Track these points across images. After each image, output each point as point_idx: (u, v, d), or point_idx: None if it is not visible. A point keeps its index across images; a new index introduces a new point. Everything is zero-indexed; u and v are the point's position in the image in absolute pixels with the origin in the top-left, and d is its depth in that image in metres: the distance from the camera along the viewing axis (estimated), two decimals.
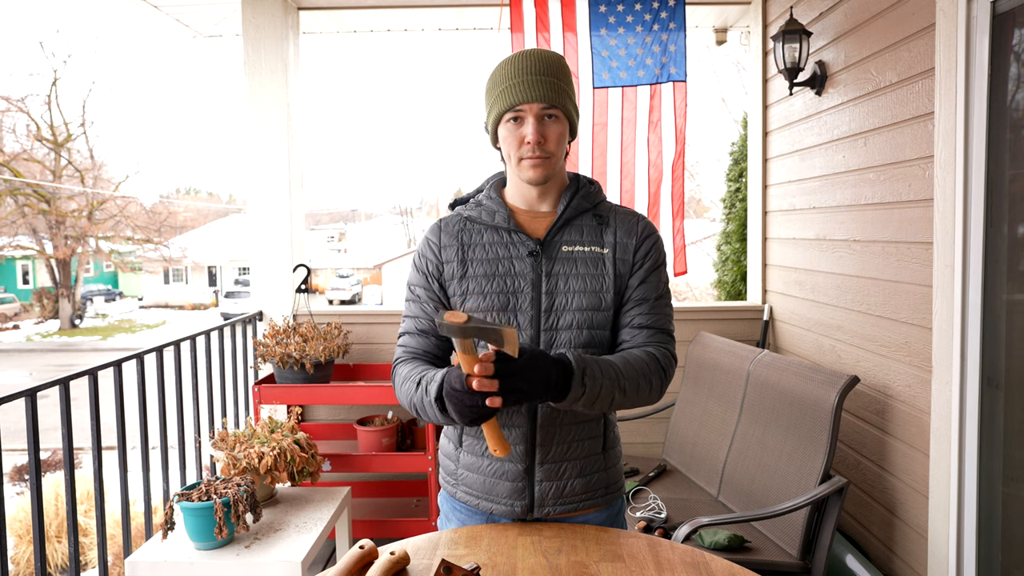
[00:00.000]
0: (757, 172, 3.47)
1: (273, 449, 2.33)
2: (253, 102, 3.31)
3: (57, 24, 53.93)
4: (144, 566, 2.02)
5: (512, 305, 1.31)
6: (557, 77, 1.28)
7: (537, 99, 1.26)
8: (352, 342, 3.37)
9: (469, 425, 1.20)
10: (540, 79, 1.26)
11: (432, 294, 1.36)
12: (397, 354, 1.39)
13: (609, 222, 1.36)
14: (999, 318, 1.91)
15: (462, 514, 1.40)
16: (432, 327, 1.36)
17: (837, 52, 2.65)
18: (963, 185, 1.93)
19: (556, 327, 1.30)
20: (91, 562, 4.93)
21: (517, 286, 1.31)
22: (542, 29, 3.38)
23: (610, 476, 1.41)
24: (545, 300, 1.31)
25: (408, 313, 1.40)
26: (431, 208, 45.60)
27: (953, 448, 1.99)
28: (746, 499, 2.44)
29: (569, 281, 1.31)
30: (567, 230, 1.35)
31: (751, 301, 3.56)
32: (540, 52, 1.30)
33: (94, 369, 2.16)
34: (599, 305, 1.31)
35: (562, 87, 1.28)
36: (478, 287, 1.32)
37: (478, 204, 1.39)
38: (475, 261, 1.34)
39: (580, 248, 1.33)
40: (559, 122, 1.29)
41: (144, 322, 26.44)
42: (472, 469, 1.37)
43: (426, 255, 1.38)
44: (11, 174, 23.22)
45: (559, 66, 1.30)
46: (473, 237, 1.36)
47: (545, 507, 1.35)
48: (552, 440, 1.32)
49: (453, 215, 1.41)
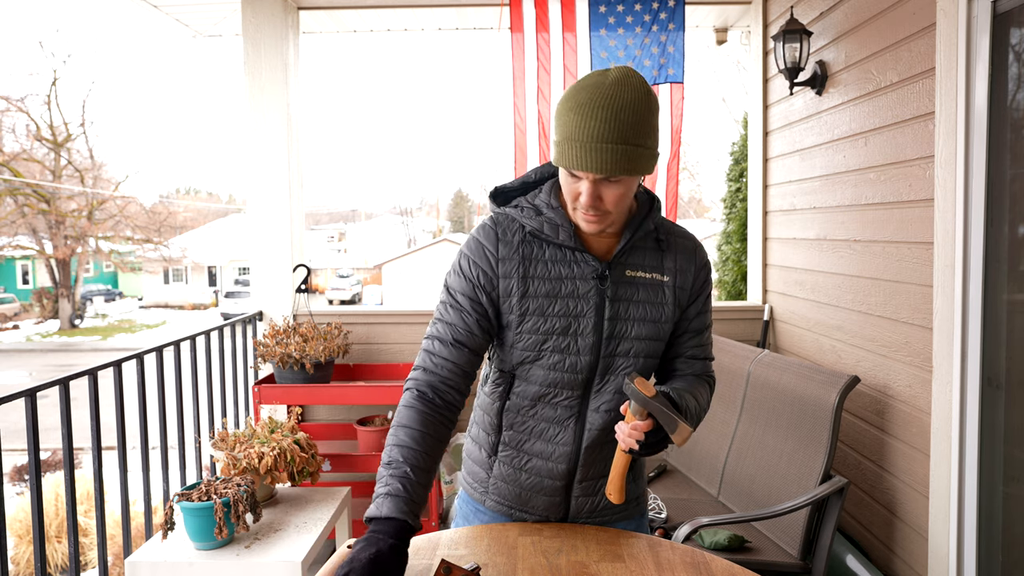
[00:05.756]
0: (757, 172, 3.47)
1: (273, 449, 2.33)
2: (253, 102, 3.31)
3: (57, 24, 54.01)
4: (144, 566, 2.02)
5: (573, 329, 1.24)
6: (627, 141, 1.10)
7: (595, 171, 1.12)
8: (352, 342, 3.37)
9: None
10: (603, 148, 1.10)
11: (478, 306, 1.25)
12: (420, 360, 1.27)
13: (669, 246, 1.30)
14: (999, 318, 1.91)
15: (487, 518, 1.40)
16: (470, 339, 1.24)
17: (838, 52, 2.65)
18: (964, 185, 1.93)
19: (615, 353, 1.26)
20: (91, 562, 4.92)
21: (580, 310, 1.24)
22: (542, 29, 3.38)
23: (639, 487, 1.43)
24: (608, 327, 1.25)
25: (445, 319, 1.26)
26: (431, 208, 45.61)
27: (953, 448, 1.99)
28: (746, 499, 2.44)
29: (630, 308, 1.26)
30: (630, 253, 1.28)
31: (751, 301, 3.56)
32: (614, 101, 1.10)
33: (94, 369, 2.16)
34: (657, 335, 1.28)
35: (631, 152, 1.11)
36: (539, 308, 1.24)
37: (537, 212, 1.25)
38: (536, 279, 1.24)
39: (643, 274, 1.27)
40: (622, 184, 1.15)
41: (144, 322, 26.43)
42: (508, 481, 1.35)
43: (479, 263, 1.25)
44: (11, 174, 23.21)
45: (633, 123, 1.10)
46: (534, 251, 1.25)
47: (580, 519, 1.36)
48: (594, 460, 1.32)
49: (508, 220, 1.27)
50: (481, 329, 1.25)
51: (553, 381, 1.27)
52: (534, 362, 1.26)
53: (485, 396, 1.37)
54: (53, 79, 24.76)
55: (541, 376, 1.27)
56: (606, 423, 1.29)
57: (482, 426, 1.38)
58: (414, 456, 1.15)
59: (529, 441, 1.32)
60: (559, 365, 1.25)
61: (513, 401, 1.31)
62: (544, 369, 1.26)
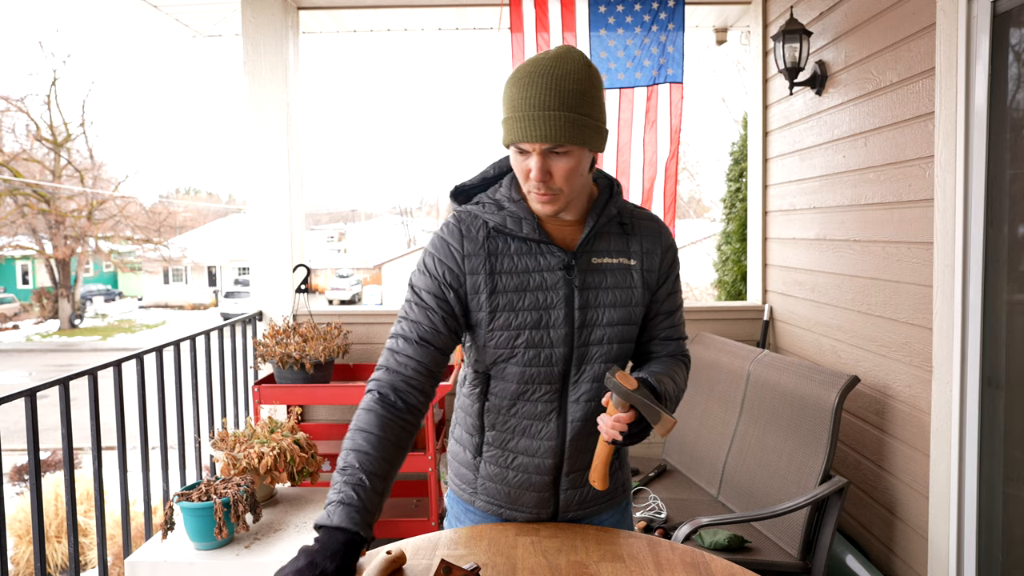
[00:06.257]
0: (757, 172, 3.47)
1: (273, 449, 2.33)
2: (253, 102, 3.31)
3: (56, 24, 54.00)
4: (144, 566, 2.02)
5: (545, 322, 1.24)
6: (569, 108, 1.11)
7: (539, 139, 1.12)
8: (352, 342, 3.37)
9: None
10: (546, 115, 1.11)
11: (444, 304, 1.24)
12: (384, 360, 1.25)
13: (633, 230, 1.31)
14: (999, 318, 1.91)
15: (477, 516, 1.39)
16: (435, 337, 1.23)
17: (837, 52, 2.65)
18: (963, 185, 1.93)
19: (588, 343, 1.26)
20: (91, 562, 4.92)
21: (549, 301, 1.23)
22: (542, 29, 3.38)
23: (624, 474, 1.44)
24: (579, 316, 1.25)
25: (410, 317, 1.25)
26: (431, 208, 45.57)
27: (953, 448, 1.99)
28: (746, 499, 2.44)
29: (600, 295, 1.26)
30: (595, 240, 1.28)
31: (751, 301, 3.56)
32: (554, 71, 1.12)
33: (94, 369, 2.16)
34: (629, 319, 1.28)
35: (574, 119, 1.12)
36: (509, 303, 1.23)
37: (498, 207, 1.25)
38: (504, 274, 1.23)
39: (609, 260, 1.27)
40: (570, 156, 1.15)
41: (144, 322, 26.43)
42: (496, 480, 1.35)
43: (445, 261, 1.24)
44: (11, 174, 23.21)
45: (575, 90, 1.12)
46: (499, 246, 1.24)
47: (569, 513, 1.36)
48: (580, 451, 1.32)
49: (471, 217, 1.27)
50: (447, 327, 1.24)
51: (530, 377, 1.26)
52: (508, 360, 1.26)
53: (464, 397, 1.37)
54: (53, 79, 24.78)
55: (517, 373, 1.26)
56: (587, 413, 1.28)
57: (464, 427, 1.38)
58: (370, 462, 1.13)
59: (513, 439, 1.31)
60: (534, 360, 1.25)
61: (492, 401, 1.31)
62: (519, 366, 1.26)
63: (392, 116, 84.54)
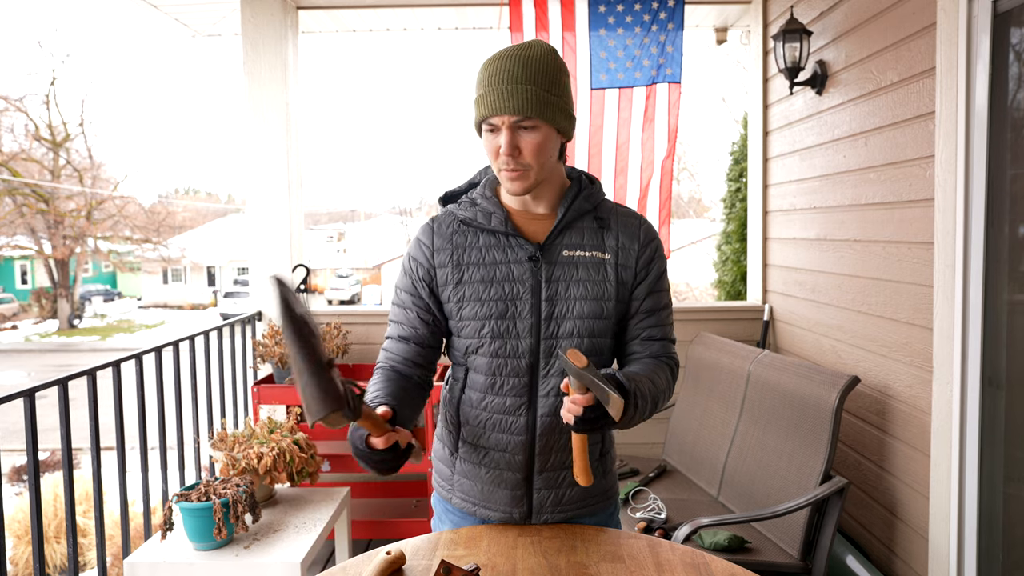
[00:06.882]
0: (757, 172, 3.47)
1: (272, 449, 2.32)
2: (252, 102, 3.31)
3: (55, 23, 53.93)
4: (143, 567, 2.01)
5: (511, 312, 1.26)
6: (536, 83, 1.18)
7: (508, 111, 1.17)
8: (351, 342, 3.37)
9: (382, 474, 1.18)
10: (514, 88, 1.17)
11: (419, 300, 1.31)
12: (379, 358, 1.36)
13: (610, 225, 1.31)
14: (1000, 318, 1.91)
15: (456, 516, 1.40)
16: (415, 334, 1.32)
17: (838, 51, 2.65)
18: (964, 185, 1.93)
19: (556, 335, 1.26)
20: (90, 563, 4.92)
21: (516, 292, 1.26)
22: (541, 29, 3.38)
23: (608, 481, 1.40)
24: (545, 307, 1.26)
25: (393, 318, 1.35)
26: (431, 208, 45.52)
27: (954, 448, 1.99)
28: (746, 499, 2.44)
29: (570, 287, 1.26)
30: (567, 233, 1.29)
31: (751, 301, 3.56)
32: (522, 53, 1.20)
33: (93, 369, 2.15)
34: (601, 313, 1.28)
35: (541, 95, 1.18)
36: (475, 294, 1.27)
37: (472, 203, 1.31)
38: (471, 266, 1.28)
39: (581, 253, 1.28)
40: (537, 131, 1.19)
41: (143, 322, 26.41)
42: (469, 476, 1.35)
43: (417, 259, 1.31)
44: (9, 174, 23.20)
45: (541, 70, 1.19)
46: (468, 239, 1.29)
47: (543, 515, 1.34)
48: (551, 449, 1.31)
49: (446, 215, 1.34)
50: (424, 323, 1.31)
51: (498, 368, 1.28)
52: (477, 351, 1.28)
53: (447, 392, 1.39)
54: (52, 79, 24.74)
55: (485, 364, 1.28)
56: (557, 408, 1.28)
57: (444, 424, 1.40)
58: (388, 393, 1.23)
59: (485, 434, 1.32)
60: (500, 351, 1.27)
61: (467, 395, 1.32)
62: (487, 356, 1.28)
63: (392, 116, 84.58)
